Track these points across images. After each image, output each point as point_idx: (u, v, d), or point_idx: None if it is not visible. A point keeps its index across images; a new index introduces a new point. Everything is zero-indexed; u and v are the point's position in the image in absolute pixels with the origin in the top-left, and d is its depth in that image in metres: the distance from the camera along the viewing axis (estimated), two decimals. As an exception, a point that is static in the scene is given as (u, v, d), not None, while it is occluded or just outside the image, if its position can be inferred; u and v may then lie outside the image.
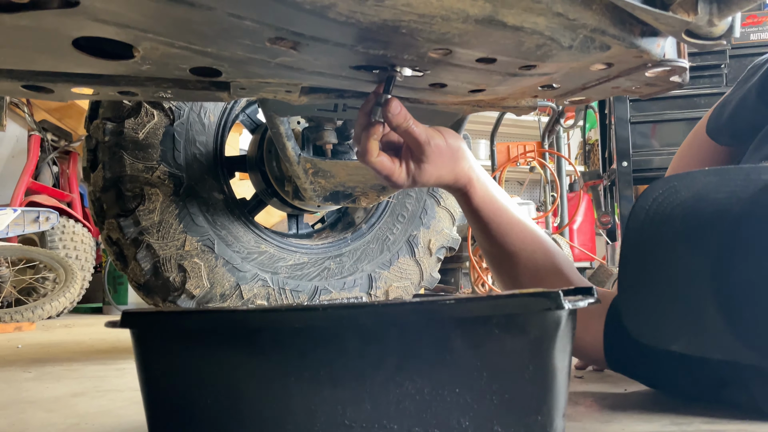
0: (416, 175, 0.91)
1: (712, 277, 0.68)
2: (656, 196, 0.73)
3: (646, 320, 0.74)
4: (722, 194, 0.71)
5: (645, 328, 0.74)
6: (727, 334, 0.69)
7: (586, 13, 0.65)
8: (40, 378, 1.26)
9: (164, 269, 1.41)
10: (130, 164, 1.38)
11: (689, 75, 0.86)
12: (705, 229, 0.70)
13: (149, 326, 0.60)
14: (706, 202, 0.71)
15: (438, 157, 0.91)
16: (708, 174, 0.74)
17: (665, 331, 0.73)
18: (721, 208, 0.70)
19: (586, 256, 5.11)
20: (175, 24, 0.64)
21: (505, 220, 0.96)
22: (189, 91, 0.90)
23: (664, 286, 0.72)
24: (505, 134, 7.23)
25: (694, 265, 0.70)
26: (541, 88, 0.90)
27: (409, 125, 0.86)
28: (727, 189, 0.71)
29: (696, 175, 0.74)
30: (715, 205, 0.70)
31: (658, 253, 0.73)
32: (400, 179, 0.90)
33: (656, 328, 0.74)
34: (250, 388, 0.56)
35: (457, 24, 0.63)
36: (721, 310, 0.68)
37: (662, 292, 0.73)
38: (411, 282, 1.78)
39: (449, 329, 0.54)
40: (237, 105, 1.58)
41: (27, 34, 0.66)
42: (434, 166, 0.91)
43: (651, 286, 0.73)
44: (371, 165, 0.88)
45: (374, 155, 0.87)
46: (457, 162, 0.93)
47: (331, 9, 0.59)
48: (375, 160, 0.87)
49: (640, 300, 0.74)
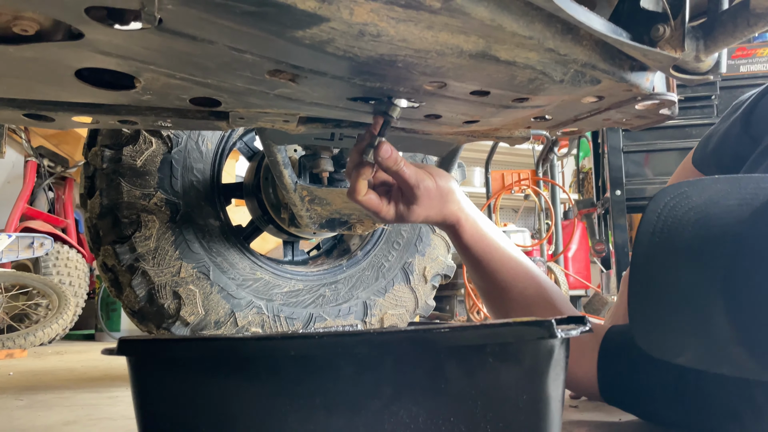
0: (404, 214, 0.94)
1: (723, 288, 0.67)
2: (667, 201, 0.72)
3: (654, 330, 0.72)
4: (733, 201, 0.70)
5: (653, 338, 0.72)
6: (737, 347, 0.67)
7: (577, 49, 0.67)
8: (32, 406, 1.24)
9: (159, 296, 1.41)
10: (127, 191, 1.39)
11: (681, 105, 0.88)
12: (715, 238, 0.69)
13: (146, 353, 0.60)
14: (718, 208, 0.70)
15: (427, 199, 0.94)
16: (718, 181, 0.73)
17: (673, 343, 0.71)
18: (731, 217, 0.69)
19: (581, 284, 5.12)
20: (176, 56, 0.65)
21: (496, 256, 0.98)
22: (188, 120, 0.92)
23: (675, 295, 0.70)
24: (500, 162, 7.28)
25: (704, 274, 0.68)
26: (533, 119, 0.92)
27: (399, 168, 0.89)
28: (737, 196, 0.70)
29: (707, 182, 0.74)
30: (727, 212, 0.69)
31: (669, 261, 0.71)
32: (387, 216, 0.94)
33: (664, 339, 0.71)
34: (245, 416, 0.56)
35: (452, 58, 0.65)
36: (730, 321, 0.66)
37: (672, 302, 0.71)
38: (406, 309, 1.78)
39: (444, 357, 0.55)
40: (234, 133, 1.59)
41: (31, 65, 0.68)
42: (423, 208, 0.94)
43: (661, 295, 0.71)
44: (359, 203, 0.92)
45: (362, 194, 0.91)
46: (445, 203, 0.96)
47: (330, 44, 0.61)
48: (362, 199, 0.91)
49: (650, 309, 0.72)
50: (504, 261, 0.97)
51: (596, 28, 0.62)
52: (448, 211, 0.96)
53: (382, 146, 0.87)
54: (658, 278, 0.72)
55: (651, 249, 0.71)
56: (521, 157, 7.15)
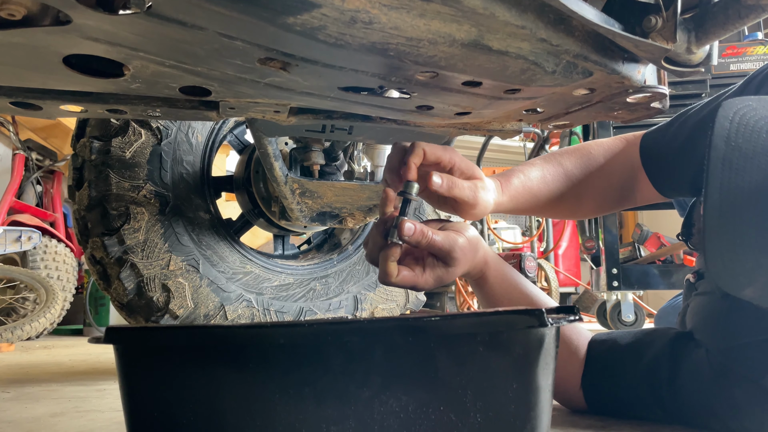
0: (444, 277, 0.88)
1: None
2: (736, 110, 0.69)
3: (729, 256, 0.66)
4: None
5: (725, 266, 0.66)
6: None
7: (569, 40, 0.67)
8: (18, 398, 1.23)
9: (148, 289, 1.40)
10: (116, 183, 1.38)
11: (671, 103, 0.88)
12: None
13: (133, 342, 0.59)
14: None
15: (464, 257, 0.88)
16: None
17: (744, 271, 0.65)
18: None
19: (571, 281, 5.14)
20: (166, 43, 0.65)
21: (514, 297, 0.95)
22: (178, 110, 0.91)
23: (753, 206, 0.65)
24: (492, 159, 7.29)
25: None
26: (525, 111, 0.91)
27: (430, 239, 0.83)
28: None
29: (766, 98, 0.71)
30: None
31: (748, 166, 0.66)
32: (426, 286, 0.87)
33: (737, 267, 0.66)
34: (233, 405, 0.56)
35: (444, 47, 0.65)
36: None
37: (750, 213, 0.65)
38: (396, 304, 1.78)
39: (434, 346, 0.55)
40: (225, 125, 1.58)
41: (17, 51, 0.67)
42: (461, 267, 0.88)
43: (740, 205, 0.66)
44: (393, 285, 0.85)
45: (395, 276, 0.83)
46: (476, 252, 0.91)
47: (321, 31, 0.60)
48: (396, 280, 0.84)
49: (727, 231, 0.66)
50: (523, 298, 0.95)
51: (589, 17, 0.61)
52: (478, 259, 0.92)
53: (404, 225, 0.81)
54: (735, 185, 0.66)
55: (728, 153, 0.67)
56: (513, 154, 7.17)
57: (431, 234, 0.83)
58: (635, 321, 2.82)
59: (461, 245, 0.86)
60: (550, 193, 1.02)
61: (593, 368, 0.93)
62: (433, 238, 0.83)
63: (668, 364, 0.86)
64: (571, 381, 0.94)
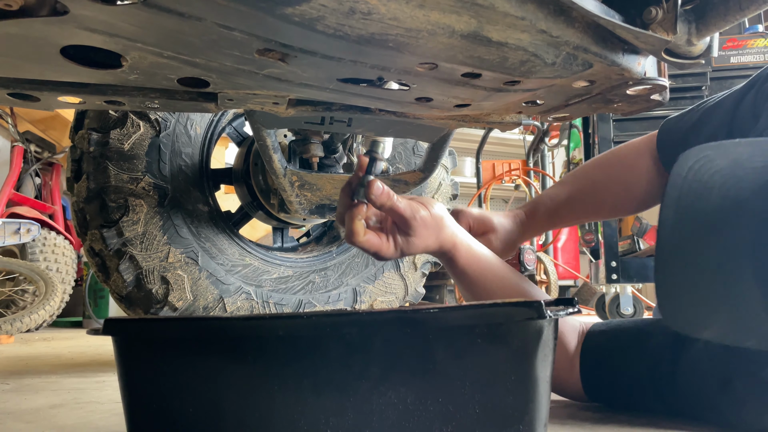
0: (404, 247, 0.92)
1: (753, 254, 0.64)
2: (692, 164, 0.69)
3: (681, 302, 0.69)
4: (758, 163, 0.68)
5: (679, 311, 0.69)
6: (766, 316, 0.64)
7: (569, 31, 0.66)
8: (18, 390, 1.24)
9: (147, 281, 1.40)
10: (114, 175, 1.38)
11: (671, 96, 0.88)
12: (743, 201, 0.66)
13: (132, 333, 0.59)
14: (743, 170, 0.68)
15: (424, 229, 0.91)
16: (740, 144, 0.71)
17: (700, 315, 0.68)
18: (758, 179, 0.66)
19: (570, 274, 5.15)
20: (164, 34, 0.64)
21: (489, 278, 0.95)
22: (176, 101, 0.91)
23: (703, 263, 0.68)
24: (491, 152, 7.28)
25: (733, 240, 0.66)
26: (525, 104, 0.91)
27: (393, 203, 0.87)
28: (762, 159, 0.68)
29: (728, 145, 0.72)
30: (753, 174, 0.67)
31: (697, 227, 0.68)
32: (388, 254, 0.91)
33: (690, 312, 0.69)
34: (232, 397, 0.56)
35: (443, 39, 0.64)
36: (760, 288, 0.63)
37: (701, 270, 0.68)
38: (396, 296, 1.78)
39: (433, 338, 0.55)
40: (224, 117, 1.58)
41: (15, 42, 0.66)
42: (421, 238, 0.91)
43: (690, 263, 0.68)
44: (359, 245, 0.89)
45: (360, 235, 0.88)
46: (441, 230, 0.94)
47: (320, 21, 0.60)
48: (362, 240, 0.88)
49: (677, 278, 0.69)
50: (499, 280, 0.95)
51: (589, 8, 0.61)
52: (443, 237, 0.94)
53: (374, 184, 0.85)
54: (686, 245, 0.68)
55: (678, 214, 0.68)
56: (512, 147, 7.16)
57: (395, 198, 0.88)
58: (634, 314, 2.82)
59: (422, 216, 0.90)
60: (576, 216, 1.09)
61: (593, 357, 0.92)
62: (395, 202, 0.88)
63: (670, 356, 0.86)
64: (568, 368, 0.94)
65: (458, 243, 0.96)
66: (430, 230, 0.92)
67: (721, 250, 0.66)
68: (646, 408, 0.89)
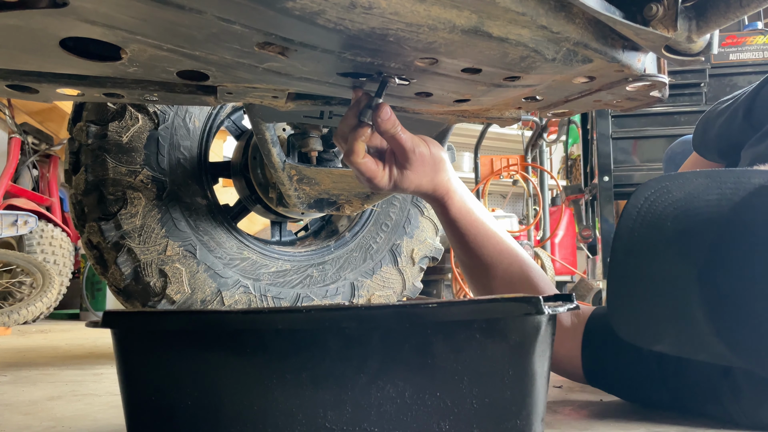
0: (398, 180, 0.93)
1: (700, 280, 0.68)
2: (648, 195, 0.73)
3: (632, 320, 0.74)
4: (713, 196, 0.71)
5: (630, 328, 0.75)
6: (712, 337, 0.69)
7: (570, 27, 0.66)
8: (15, 382, 1.24)
9: (145, 274, 1.40)
10: (112, 167, 1.37)
11: (670, 92, 0.88)
12: (694, 231, 0.70)
13: (131, 326, 0.59)
14: (698, 202, 0.71)
15: (420, 165, 0.92)
16: (699, 176, 0.74)
17: (651, 331, 0.73)
18: (711, 211, 0.70)
19: (567, 269, 5.15)
20: (163, 26, 0.64)
21: (481, 232, 0.98)
22: (175, 94, 0.90)
23: (652, 286, 0.72)
24: (489, 147, 7.28)
25: (682, 267, 0.70)
26: (524, 99, 0.91)
27: (396, 131, 0.88)
28: (717, 191, 0.71)
29: (688, 176, 0.75)
30: (706, 207, 0.71)
31: (648, 254, 0.73)
32: (382, 182, 0.92)
33: (642, 328, 0.74)
34: (230, 390, 0.56)
35: (444, 33, 0.64)
36: (706, 312, 0.68)
37: (650, 293, 0.73)
38: (393, 291, 1.79)
39: (431, 333, 0.55)
40: (222, 111, 1.58)
41: (14, 34, 0.66)
42: (416, 174, 0.93)
43: (640, 287, 0.73)
44: (356, 166, 0.89)
45: (360, 156, 0.88)
46: (437, 172, 0.95)
47: (320, 15, 0.60)
48: (360, 161, 0.88)
49: (629, 300, 0.74)
50: (489, 237, 0.97)
51: (590, 4, 0.61)
52: (439, 179, 0.95)
53: (383, 107, 0.84)
54: (636, 271, 0.73)
55: (630, 244, 0.73)
56: (510, 142, 7.16)
57: (399, 128, 0.88)
58: (630, 310, 2.83)
59: (421, 152, 0.92)
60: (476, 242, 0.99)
61: (596, 339, 0.92)
62: (399, 132, 0.88)
63: None
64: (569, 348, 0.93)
65: (452, 191, 0.97)
66: (426, 168, 0.93)
67: (671, 275, 0.70)
68: (650, 397, 0.88)
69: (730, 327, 0.68)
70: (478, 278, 1.00)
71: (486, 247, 0.97)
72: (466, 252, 0.99)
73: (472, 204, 0.99)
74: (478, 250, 0.98)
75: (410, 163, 0.91)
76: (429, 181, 0.95)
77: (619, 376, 0.91)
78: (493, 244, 0.97)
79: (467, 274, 1.03)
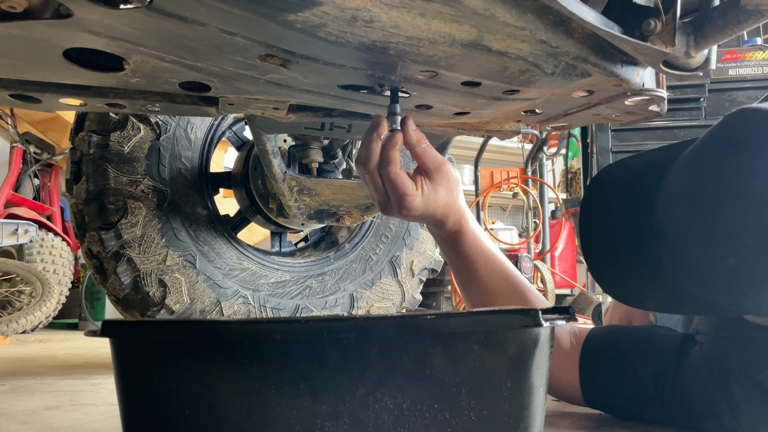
0: (430, 197, 0.84)
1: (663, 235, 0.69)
2: (607, 167, 0.80)
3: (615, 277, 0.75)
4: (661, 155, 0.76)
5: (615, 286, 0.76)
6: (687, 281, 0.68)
7: (569, 42, 0.67)
8: (13, 391, 1.23)
9: (144, 284, 1.40)
10: (114, 177, 1.38)
11: (670, 107, 0.89)
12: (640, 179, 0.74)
13: (129, 336, 0.59)
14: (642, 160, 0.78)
15: (446, 183, 0.86)
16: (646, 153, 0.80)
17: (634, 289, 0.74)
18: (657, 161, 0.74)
19: (567, 283, 5.15)
20: (166, 38, 0.65)
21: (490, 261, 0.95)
22: (177, 105, 0.91)
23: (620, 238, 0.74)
24: (489, 160, 7.30)
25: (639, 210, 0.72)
26: (524, 113, 0.92)
27: (426, 145, 0.83)
28: (665, 152, 0.76)
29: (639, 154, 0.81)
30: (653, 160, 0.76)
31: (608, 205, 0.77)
32: (415, 202, 0.83)
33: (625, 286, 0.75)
34: (228, 400, 0.56)
35: (444, 47, 0.65)
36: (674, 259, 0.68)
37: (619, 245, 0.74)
38: (393, 303, 1.79)
39: (429, 345, 0.55)
40: (224, 122, 1.58)
41: (18, 44, 0.67)
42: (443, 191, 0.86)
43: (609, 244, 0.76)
44: (393, 178, 0.80)
45: (398, 165, 0.80)
46: (455, 196, 0.90)
47: (322, 28, 0.60)
48: (398, 172, 0.80)
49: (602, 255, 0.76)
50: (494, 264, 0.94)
51: (588, 20, 0.62)
52: (458, 208, 0.89)
53: (409, 119, 0.80)
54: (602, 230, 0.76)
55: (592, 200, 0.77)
56: (511, 155, 7.18)
57: (426, 142, 0.85)
58: (630, 323, 2.82)
59: (448, 169, 0.88)
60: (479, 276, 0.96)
61: (593, 362, 0.92)
62: (427, 145, 0.85)
63: (674, 363, 0.86)
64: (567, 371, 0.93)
65: (466, 219, 0.92)
66: (451, 187, 0.87)
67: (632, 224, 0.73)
68: (647, 416, 0.89)
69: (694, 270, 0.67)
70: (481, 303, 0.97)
71: (491, 275, 0.94)
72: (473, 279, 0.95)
73: (483, 237, 0.95)
74: (486, 279, 0.94)
75: (441, 177, 0.85)
76: (448, 208, 0.88)
77: (617, 395, 0.91)
78: (498, 272, 0.94)
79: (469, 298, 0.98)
